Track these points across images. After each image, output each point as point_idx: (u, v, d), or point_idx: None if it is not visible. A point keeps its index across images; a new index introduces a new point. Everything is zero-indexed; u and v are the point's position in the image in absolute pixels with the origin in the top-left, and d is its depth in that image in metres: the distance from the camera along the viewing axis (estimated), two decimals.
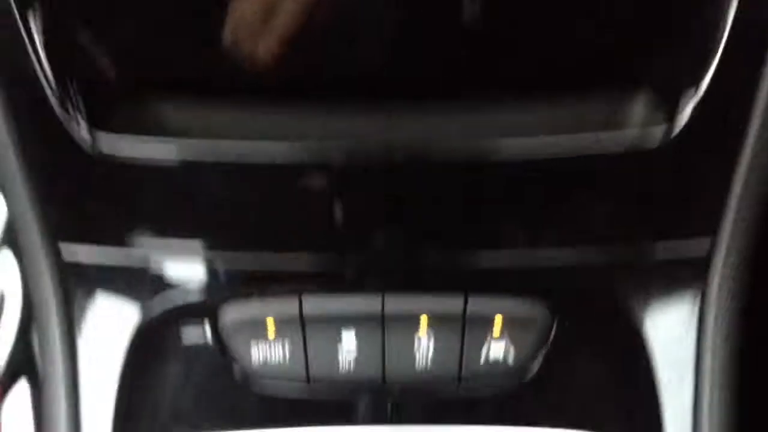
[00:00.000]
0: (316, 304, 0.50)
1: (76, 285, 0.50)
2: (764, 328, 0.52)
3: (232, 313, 0.50)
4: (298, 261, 0.49)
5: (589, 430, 0.51)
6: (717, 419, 0.50)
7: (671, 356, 0.50)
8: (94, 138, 0.46)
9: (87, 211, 0.49)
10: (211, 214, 0.48)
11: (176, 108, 0.48)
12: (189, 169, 0.46)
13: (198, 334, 0.51)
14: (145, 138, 0.46)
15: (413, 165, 0.46)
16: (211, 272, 0.49)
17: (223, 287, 0.50)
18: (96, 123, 0.47)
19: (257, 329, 0.50)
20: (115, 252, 0.49)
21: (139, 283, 0.50)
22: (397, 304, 0.50)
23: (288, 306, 0.50)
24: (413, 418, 0.51)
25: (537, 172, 0.46)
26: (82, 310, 0.51)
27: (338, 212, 0.48)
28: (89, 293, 0.51)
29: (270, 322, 0.50)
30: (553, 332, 0.50)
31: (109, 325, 0.51)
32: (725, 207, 0.48)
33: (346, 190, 0.47)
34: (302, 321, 0.50)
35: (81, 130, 0.46)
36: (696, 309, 0.50)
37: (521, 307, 0.50)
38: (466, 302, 0.50)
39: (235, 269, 0.50)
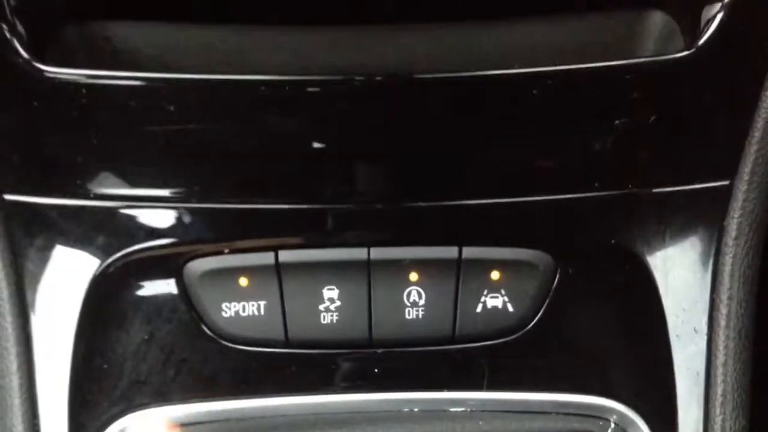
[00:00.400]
0: (294, 254, 0.45)
1: (24, 228, 0.44)
2: None
3: (201, 263, 0.45)
4: (275, 212, 0.44)
5: (594, 387, 0.47)
6: (731, 371, 0.46)
7: (683, 303, 0.46)
8: (37, 67, 0.40)
9: (36, 149, 0.43)
10: (174, 152, 0.42)
11: (129, 32, 0.42)
12: (146, 101, 0.41)
13: (162, 286, 0.45)
14: (95, 67, 0.40)
15: (399, 92, 0.41)
16: (177, 217, 0.44)
17: (190, 235, 0.44)
18: (38, 50, 0.41)
19: (229, 282, 0.45)
20: (68, 193, 0.43)
21: (97, 227, 0.44)
22: (384, 253, 0.45)
23: (263, 256, 0.45)
24: (402, 384, 0.47)
25: (546, 95, 0.41)
26: (32, 257, 0.45)
27: (318, 153, 0.42)
28: (38, 238, 0.45)
29: (243, 272, 0.45)
30: (556, 280, 0.46)
31: (64, 276, 0.45)
32: (747, 137, 0.44)
33: (326, 126, 0.42)
34: (278, 272, 0.45)
35: (23, 58, 0.40)
36: (713, 248, 0.46)
37: (521, 252, 0.45)
38: (460, 251, 0.45)
39: (205, 215, 0.44)
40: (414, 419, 0.46)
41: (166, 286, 0.45)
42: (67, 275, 0.45)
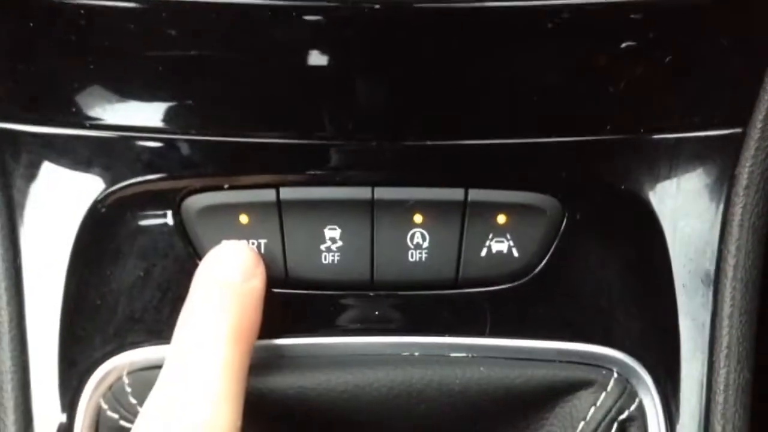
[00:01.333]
0: (296, 191, 0.44)
1: (16, 158, 0.43)
2: None
3: (200, 199, 0.44)
4: (277, 147, 0.43)
5: (598, 336, 0.46)
6: (737, 323, 0.45)
7: (691, 252, 0.45)
8: None
9: (30, 74, 0.41)
10: (173, 81, 0.41)
11: None
12: (145, 24, 0.39)
13: (159, 222, 0.44)
14: None
15: (404, 24, 0.39)
16: (175, 150, 0.42)
17: (189, 169, 0.43)
18: None
19: (228, 219, 0.44)
20: (63, 122, 0.42)
21: (92, 159, 0.43)
22: (388, 193, 0.44)
23: (264, 192, 0.43)
24: (403, 327, 0.46)
25: (558, 31, 0.39)
26: (24, 188, 0.44)
27: (321, 87, 0.41)
28: (30, 168, 0.43)
29: (243, 209, 0.44)
30: (563, 225, 0.45)
31: (57, 208, 0.44)
32: (762, 84, 0.43)
33: (330, 58, 0.40)
34: (280, 210, 0.44)
35: None
36: (723, 197, 0.45)
37: (528, 196, 0.44)
38: (466, 193, 0.44)
39: (205, 148, 0.43)
40: (413, 363, 0.45)
41: (163, 222, 0.44)
42: (61, 208, 0.44)
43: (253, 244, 0.44)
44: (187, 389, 0.38)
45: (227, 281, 0.42)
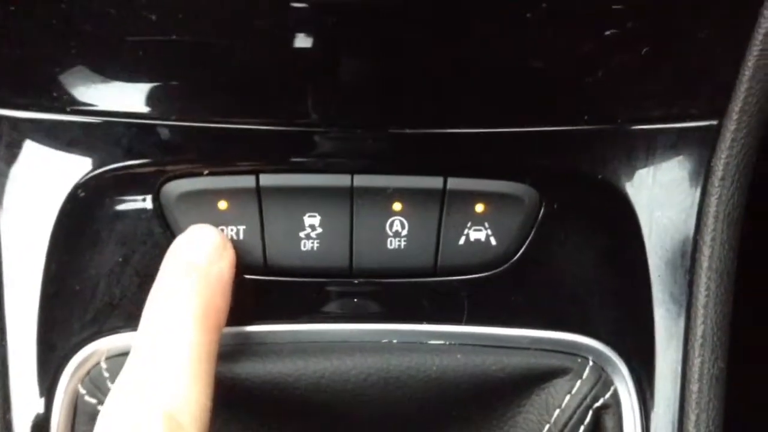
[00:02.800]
0: (275, 178, 0.44)
1: None
2: None
3: (179, 184, 0.44)
4: (257, 133, 0.43)
5: (574, 324, 0.46)
6: (712, 313, 0.46)
7: (666, 243, 0.46)
8: None
9: (11, 59, 0.41)
10: (154, 66, 0.41)
11: None
12: (127, 9, 0.39)
13: (138, 207, 0.44)
14: None
15: (385, 12, 0.40)
16: (155, 135, 0.43)
17: (168, 155, 0.43)
18: None
19: (207, 204, 0.44)
20: (43, 107, 0.42)
21: (72, 144, 0.43)
22: (368, 181, 0.44)
23: (244, 179, 0.44)
24: (381, 315, 0.46)
25: (537, 20, 0.40)
26: (4, 172, 0.43)
27: (302, 74, 0.41)
28: (10, 153, 0.43)
29: (222, 195, 0.44)
30: (540, 214, 0.45)
31: (37, 193, 0.44)
32: (738, 76, 0.43)
33: (312, 45, 0.40)
34: (259, 196, 0.44)
35: None
36: (698, 189, 0.45)
37: (507, 185, 0.45)
38: (445, 181, 0.44)
39: (185, 134, 0.43)
40: (392, 350, 0.45)
41: (143, 207, 0.44)
42: (40, 192, 0.44)
43: (232, 230, 0.44)
44: (155, 370, 0.38)
45: (194, 264, 0.42)
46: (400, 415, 0.45)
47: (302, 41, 0.40)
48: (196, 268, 0.42)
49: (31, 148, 0.43)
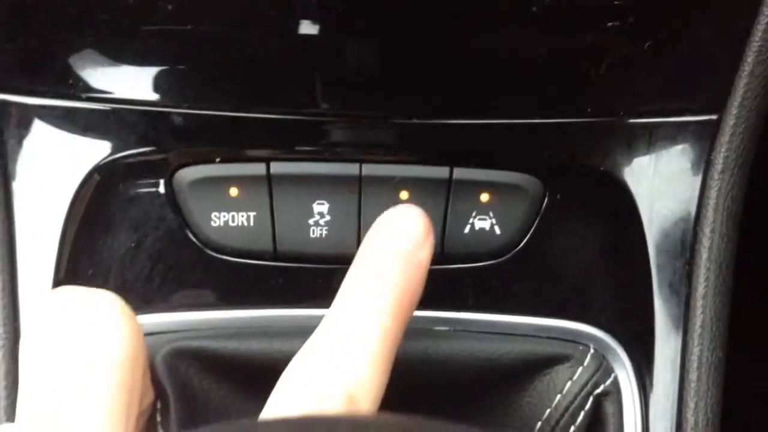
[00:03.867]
0: (286, 165, 0.45)
1: (11, 129, 0.44)
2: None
3: (192, 171, 0.45)
4: (268, 122, 0.44)
5: (576, 312, 0.47)
6: (711, 303, 0.47)
7: (666, 234, 0.47)
8: None
9: (27, 47, 0.42)
10: (168, 54, 0.42)
11: None
12: None
13: (151, 193, 0.45)
14: None
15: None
16: (168, 123, 0.44)
17: (181, 142, 0.44)
18: None
19: (219, 191, 0.45)
20: (58, 94, 0.43)
21: (87, 130, 0.44)
22: (376, 170, 0.45)
23: (255, 166, 0.45)
24: None
25: (543, 13, 0.41)
26: (19, 159, 0.44)
27: (314, 64, 0.42)
28: (26, 139, 0.44)
29: (233, 182, 0.45)
30: (544, 204, 0.46)
31: (51, 179, 0.45)
32: (738, 71, 0.44)
33: (323, 35, 0.41)
34: (270, 183, 0.45)
35: None
36: (698, 181, 0.46)
37: (511, 176, 0.46)
38: (451, 171, 0.45)
39: (197, 122, 0.44)
40: None
41: (156, 193, 0.45)
42: (54, 178, 0.45)
43: (242, 216, 0.45)
44: (345, 351, 0.37)
45: (399, 250, 0.40)
46: (405, 400, 0.46)
47: (310, 30, 0.41)
48: (400, 254, 0.40)
49: (45, 135, 0.44)
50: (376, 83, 0.43)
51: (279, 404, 0.36)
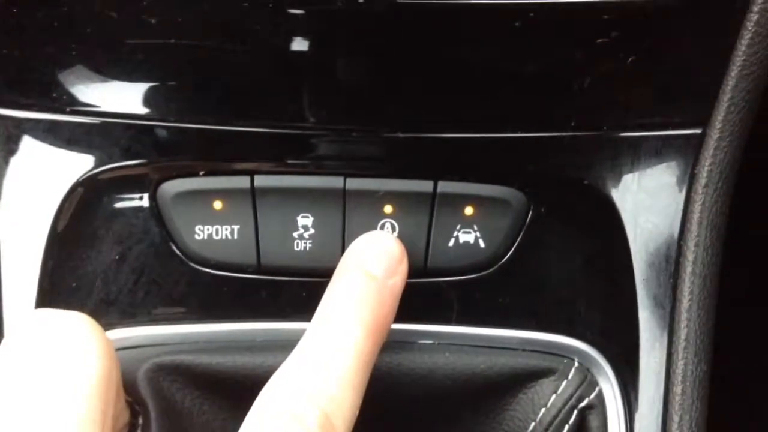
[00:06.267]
0: (270, 179, 0.45)
1: None
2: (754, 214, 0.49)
3: (175, 184, 0.45)
4: (252, 135, 0.44)
5: (560, 326, 0.47)
6: (695, 317, 0.47)
7: (650, 247, 0.47)
8: None
9: (12, 60, 0.42)
10: (153, 69, 0.42)
11: None
12: (128, 12, 0.40)
13: (135, 206, 0.45)
14: None
15: (381, 18, 0.41)
16: (152, 136, 0.44)
17: (165, 155, 0.44)
18: None
19: (203, 204, 0.45)
20: (43, 107, 0.43)
21: (71, 144, 0.44)
22: (360, 183, 0.45)
23: (239, 179, 0.45)
24: None
25: (527, 29, 0.41)
26: (3, 171, 0.44)
27: (298, 78, 0.42)
28: (10, 152, 0.44)
29: (217, 195, 0.45)
30: (528, 218, 0.46)
31: (35, 192, 0.45)
32: (721, 86, 0.44)
33: (307, 50, 0.41)
34: (253, 196, 0.45)
35: None
36: (682, 195, 0.46)
37: (495, 189, 0.46)
38: (435, 185, 0.45)
39: (181, 135, 0.44)
40: (381, 349, 0.46)
41: (140, 207, 0.45)
42: (39, 191, 0.45)
43: (226, 230, 0.45)
44: (320, 371, 0.38)
45: (372, 275, 0.42)
46: (388, 413, 0.46)
47: (297, 46, 0.41)
48: (374, 278, 0.42)
49: (30, 148, 0.44)
50: (361, 97, 0.43)
51: (255, 424, 0.37)
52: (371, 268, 0.42)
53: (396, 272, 0.43)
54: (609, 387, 0.47)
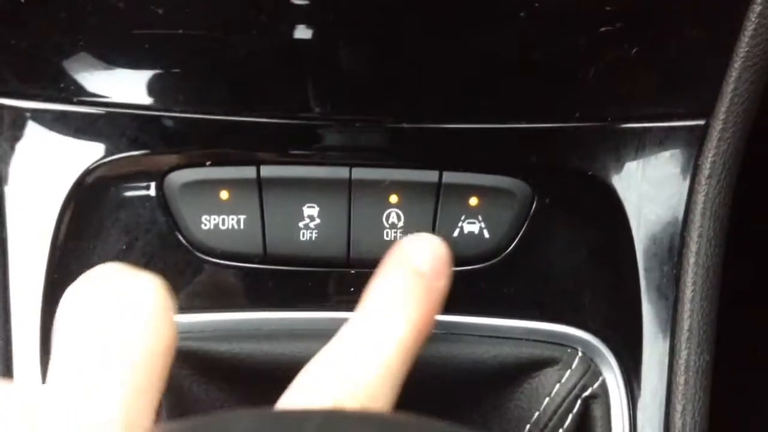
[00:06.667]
0: (276, 169, 0.45)
1: (2, 133, 0.44)
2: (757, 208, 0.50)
3: (182, 174, 0.45)
4: (258, 125, 0.44)
5: (564, 316, 0.48)
6: (698, 307, 0.47)
7: (654, 238, 0.47)
8: None
9: (19, 51, 0.42)
10: (160, 59, 0.42)
11: None
12: (134, 2, 0.40)
13: (142, 197, 0.45)
14: None
15: (382, 6, 0.41)
16: (159, 126, 0.44)
17: (172, 145, 0.45)
18: None
19: (209, 194, 0.45)
20: (50, 97, 0.43)
21: (78, 134, 0.44)
22: (366, 173, 0.46)
23: (245, 170, 0.45)
24: None
25: (532, 19, 0.41)
26: (10, 162, 0.45)
27: (304, 68, 0.43)
28: (17, 143, 0.45)
29: (224, 185, 0.45)
30: (532, 209, 0.47)
31: (43, 182, 0.45)
32: (725, 77, 0.45)
33: (313, 40, 0.42)
34: (260, 187, 0.45)
35: None
36: (686, 186, 0.46)
37: (500, 180, 0.46)
38: (441, 175, 0.46)
39: (188, 126, 0.44)
40: None
41: (147, 196, 0.45)
42: (46, 181, 0.45)
43: (233, 219, 0.46)
44: (360, 357, 0.38)
45: (421, 273, 0.41)
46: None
47: (301, 36, 0.41)
48: (422, 277, 0.41)
49: (37, 138, 0.45)
50: (366, 87, 0.44)
51: (290, 405, 0.37)
52: (421, 266, 0.42)
53: (443, 275, 0.42)
54: (612, 377, 0.47)
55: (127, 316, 0.34)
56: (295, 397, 0.37)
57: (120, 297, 0.35)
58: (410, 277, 0.41)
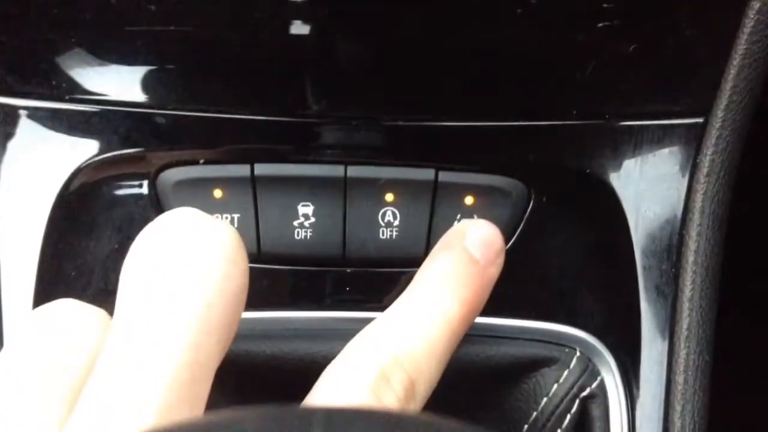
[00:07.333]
0: (270, 167, 0.45)
1: None
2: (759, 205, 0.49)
3: (175, 172, 0.45)
4: (252, 123, 0.44)
5: (562, 315, 0.47)
6: (697, 306, 0.46)
7: (653, 237, 0.47)
8: None
9: (11, 48, 0.42)
10: (153, 56, 0.42)
11: None
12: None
13: (135, 195, 0.45)
14: None
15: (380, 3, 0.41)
16: (152, 124, 0.43)
17: (165, 143, 0.44)
18: None
19: (202, 193, 0.45)
20: (43, 95, 0.43)
21: (70, 131, 0.44)
22: (361, 171, 0.45)
23: (239, 168, 0.45)
24: (372, 303, 0.47)
25: (529, 15, 0.41)
26: (2, 159, 0.44)
27: (298, 66, 0.42)
28: (9, 140, 0.44)
29: (217, 183, 0.45)
30: (529, 208, 0.46)
31: (34, 180, 0.44)
32: (723, 75, 0.44)
33: (307, 38, 0.41)
34: (254, 185, 0.45)
35: None
36: (684, 184, 0.46)
37: (495, 179, 0.46)
38: (437, 174, 0.45)
39: (181, 123, 0.44)
40: None
41: (139, 195, 0.45)
42: (37, 179, 0.45)
43: (226, 218, 0.45)
44: (410, 334, 0.38)
45: (475, 259, 0.42)
46: None
47: (297, 33, 0.41)
48: (476, 261, 0.42)
49: (28, 135, 0.44)
50: (362, 85, 0.43)
51: (337, 373, 0.37)
52: (475, 251, 0.42)
53: (495, 263, 0.42)
54: (611, 376, 0.46)
55: (206, 252, 0.33)
56: (339, 366, 0.37)
57: (198, 235, 0.33)
58: (464, 260, 0.41)
